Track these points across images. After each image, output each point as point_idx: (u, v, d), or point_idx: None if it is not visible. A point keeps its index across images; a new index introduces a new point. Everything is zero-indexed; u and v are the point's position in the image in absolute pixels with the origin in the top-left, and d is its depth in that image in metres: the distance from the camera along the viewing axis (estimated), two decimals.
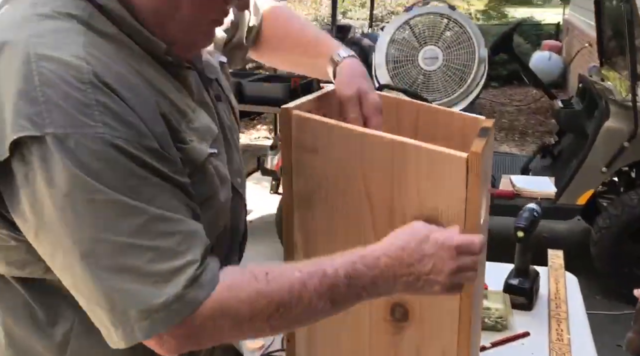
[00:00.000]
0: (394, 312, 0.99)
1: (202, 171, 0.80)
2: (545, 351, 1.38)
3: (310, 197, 0.99)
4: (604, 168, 3.08)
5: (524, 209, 1.62)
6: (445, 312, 0.96)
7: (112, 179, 0.68)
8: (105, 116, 0.68)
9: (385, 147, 0.92)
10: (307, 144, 0.96)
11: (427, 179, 0.91)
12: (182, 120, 0.79)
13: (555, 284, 1.68)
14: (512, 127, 6.78)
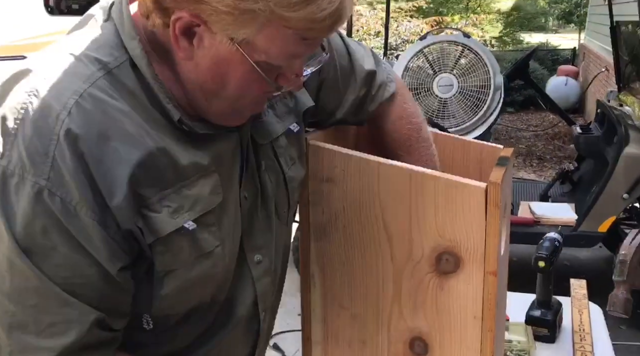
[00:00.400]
0: (413, 346, 0.97)
1: (167, 242, 0.76)
2: None
3: (326, 228, 0.98)
4: (625, 194, 3.03)
5: (544, 238, 1.59)
6: (466, 347, 0.93)
7: (25, 231, 0.68)
8: (54, 172, 0.68)
9: (402, 177, 0.91)
10: (323, 174, 0.96)
11: (445, 210, 0.90)
12: (174, 184, 0.75)
13: (579, 315, 1.64)
14: (530, 153, 6.72)
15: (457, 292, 0.92)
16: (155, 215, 0.74)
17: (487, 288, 0.90)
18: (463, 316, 0.92)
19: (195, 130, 0.78)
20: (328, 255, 0.99)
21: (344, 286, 0.99)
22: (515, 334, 1.48)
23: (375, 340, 0.99)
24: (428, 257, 0.92)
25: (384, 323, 0.98)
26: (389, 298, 0.96)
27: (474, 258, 0.90)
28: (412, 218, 0.92)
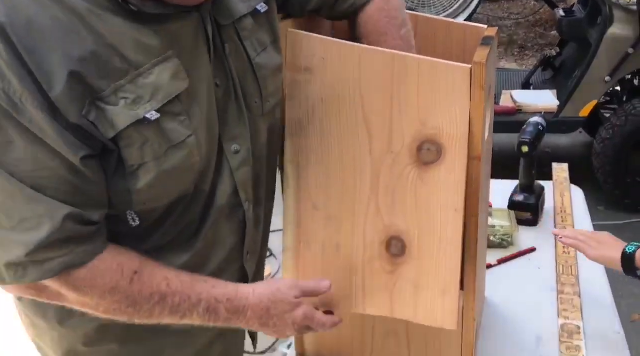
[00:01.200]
0: (390, 247, 0.94)
1: (129, 136, 0.73)
2: (552, 265, 1.37)
3: (303, 122, 0.94)
4: (607, 77, 2.99)
5: (528, 123, 1.57)
6: (446, 243, 0.90)
7: None
8: None
9: (384, 63, 0.86)
10: (301, 63, 0.90)
11: (428, 94, 0.86)
12: (127, 74, 0.71)
13: (560, 198, 1.66)
14: (512, 42, 6.60)
15: (438, 183, 0.89)
16: (111, 108, 0.70)
17: (472, 173, 0.88)
18: (443, 209, 0.89)
19: (144, 10, 0.72)
20: (304, 152, 0.95)
21: (319, 186, 0.94)
22: (499, 219, 1.50)
23: (350, 242, 0.95)
24: (409, 148, 0.89)
25: (359, 222, 0.94)
26: (366, 195, 0.92)
27: (457, 144, 0.87)
28: (393, 106, 0.88)
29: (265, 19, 0.88)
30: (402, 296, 0.94)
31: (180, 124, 0.76)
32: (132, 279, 0.77)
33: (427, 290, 0.92)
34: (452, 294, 0.90)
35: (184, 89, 0.76)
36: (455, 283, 0.90)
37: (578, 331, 1.15)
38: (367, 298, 0.96)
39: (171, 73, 0.75)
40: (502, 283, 1.31)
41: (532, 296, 1.27)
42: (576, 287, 1.28)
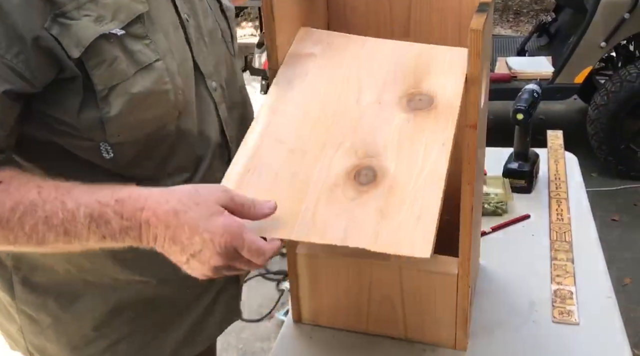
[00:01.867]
0: (358, 177, 0.82)
1: (97, 52, 0.73)
2: (545, 232, 1.38)
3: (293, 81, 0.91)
4: (602, 43, 2.98)
5: (523, 90, 1.57)
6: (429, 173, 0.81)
7: None
8: None
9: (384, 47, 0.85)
10: (305, 51, 0.90)
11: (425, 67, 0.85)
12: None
13: (555, 165, 1.66)
14: (506, 7, 6.53)
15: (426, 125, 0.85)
16: (75, 22, 0.71)
17: (468, 141, 0.88)
18: (429, 145, 0.83)
19: None
20: (286, 100, 0.89)
21: (290, 124, 0.87)
22: (493, 187, 1.50)
23: (310, 171, 0.82)
24: (398, 100, 0.87)
25: (327, 156, 0.83)
26: (342, 133, 0.85)
27: (448, 97, 0.86)
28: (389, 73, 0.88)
29: None
30: (363, 224, 0.77)
31: (146, 47, 0.78)
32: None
33: (396, 218, 0.77)
34: (429, 220, 0.76)
35: (144, 10, 0.78)
36: (434, 211, 0.77)
37: (570, 296, 1.17)
38: (316, 226, 0.78)
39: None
40: (496, 250, 1.32)
41: (526, 263, 1.28)
42: (569, 253, 1.29)
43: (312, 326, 1.14)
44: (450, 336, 1.05)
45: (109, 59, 0.74)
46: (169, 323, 0.97)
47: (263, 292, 2.59)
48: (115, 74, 0.75)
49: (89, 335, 0.92)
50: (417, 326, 1.06)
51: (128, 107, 0.76)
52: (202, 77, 0.88)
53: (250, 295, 2.58)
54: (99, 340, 0.92)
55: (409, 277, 1.01)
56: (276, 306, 2.48)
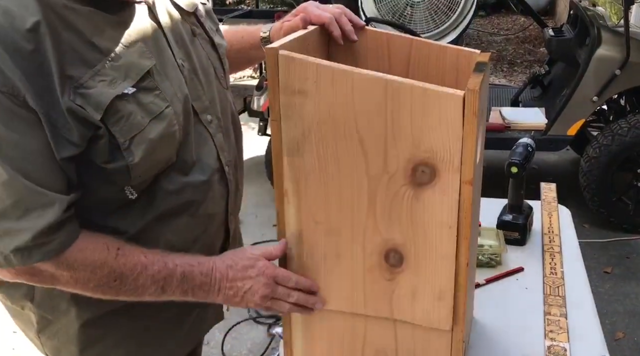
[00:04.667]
0: (388, 258, 0.97)
1: (116, 111, 0.83)
2: (539, 285, 1.39)
3: (299, 143, 0.94)
4: (595, 97, 3.05)
5: (517, 144, 1.59)
6: (441, 256, 0.94)
7: None
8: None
9: (377, 87, 0.87)
10: (295, 86, 0.91)
11: (421, 120, 0.87)
12: (101, 61, 0.83)
13: (548, 218, 1.68)
14: (501, 57, 6.68)
15: (432, 203, 0.91)
16: (92, 90, 0.81)
17: (463, 197, 0.89)
18: (438, 226, 0.92)
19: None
20: (302, 170, 0.96)
21: (319, 201, 0.97)
22: (487, 238, 1.51)
23: (350, 253, 0.99)
24: (404, 169, 0.90)
25: (358, 236, 0.97)
26: (364, 211, 0.95)
27: (449, 168, 0.88)
28: (387, 129, 0.89)
29: (206, 10, 1.09)
30: (401, 301, 0.99)
31: (157, 97, 0.88)
32: (117, 254, 0.87)
33: (424, 296, 0.98)
34: (447, 300, 0.96)
35: (152, 65, 0.88)
36: (450, 290, 0.95)
37: (564, 353, 1.16)
38: (367, 301, 1.01)
39: (138, 54, 0.87)
40: (490, 303, 1.32)
41: (520, 317, 1.28)
42: (563, 309, 1.29)
43: None
44: None
45: (125, 115, 0.84)
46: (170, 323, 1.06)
47: (253, 336, 2.55)
48: (133, 126, 0.85)
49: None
50: None
51: (147, 152, 0.87)
52: (197, 112, 0.98)
53: (240, 339, 2.54)
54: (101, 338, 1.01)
55: (404, 332, 1.01)
56: (266, 351, 2.44)
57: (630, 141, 2.96)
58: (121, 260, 0.87)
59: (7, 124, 0.77)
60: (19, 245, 0.81)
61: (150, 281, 0.88)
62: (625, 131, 2.97)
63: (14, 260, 0.82)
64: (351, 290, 1.01)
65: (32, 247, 0.81)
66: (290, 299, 0.97)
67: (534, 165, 3.90)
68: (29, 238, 0.81)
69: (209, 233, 1.05)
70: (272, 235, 2.06)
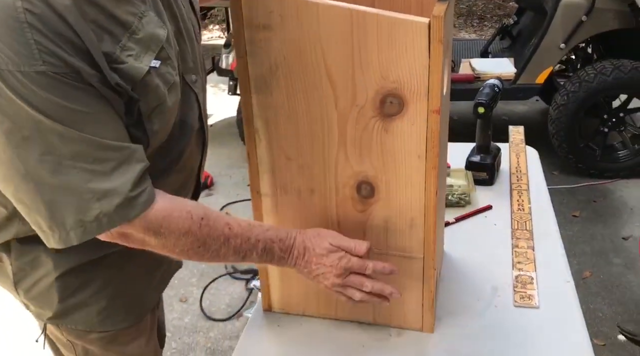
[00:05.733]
0: (360, 190, 0.99)
1: (145, 85, 0.83)
2: (507, 221, 1.42)
3: (267, 78, 0.94)
4: (562, 44, 3.07)
5: (484, 85, 1.61)
6: (411, 185, 0.96)
7: (54, 110, 0.75)
8: (44, 54, 0.72)
9: (343, 18, 0.87)
10: (259, 21, 0.90)
11: (388, 49, 0.87)
12: (124, 34, 0.81)
13: (516, 158, 1.71)
14: (471, 13, 6.66)
15: (401, 133, 0.92)
16: (123, 66, 0.80)
17: (431, 126, 0.91)
18: (407, 156, 0.94)
19: None
20: (271, 107, 0.96)
21: (290, 137, 0.98)
22: (456, 179, 1.54)
23: (322, 186, 1.00)
24: (372, 101, 0.91)
25: (330, 170, 0.98)
26: (335, 145, 0.96)
27: (417, 98, 0.89)
28: (354, 61, 0.89)
29: None
30: (374, 232, 1.02)
31: (169, 66, 0.88)
32: (200, 224, 0.87)
33: (396, 225, 1.00)
34: (418, 227, 1.00)
35: (165, 34, 0.87)
36: (421, 217, 0.98)
37: (531, 282, 1.21)
38: (342, 234, 1.00)
39: (153, 24, 0.85)
40: (460, 239, 1.36)
41: (489, 251, 1.32)
42: (530, 241, 1.34)
43: (282, 315, 1.15)
44: (417, 319, 1.07)
45: (153, 88, 0.85)
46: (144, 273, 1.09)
47: (231, 291, 2.58)
48: (157, 97, 0.86)
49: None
50: (385, 310, 1.08)
51: (164, 120, 0.89)
52: (183, 74, 0.98)
53: (218, 294, 2.57)
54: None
55: (378, 261, 1.03)
56: (245, 305, 2.48)
57: (596, 87, 3.00)
58: (205, 230, 0.87)
59: (75, 100, 0.76)
60: (119, 201, 0.80)
61: (232, 251, 0.90)
62: (592, 77, 3.01)
63: (117, 218, 0.81)
64: (325, 224, 1.03)
65: (131, 198, 0.81)
66: (365, 289, 0.97)
67: (503, 115, 3.95)
68: (127, 190, 0.80)
69: (186, 186, 1.06)
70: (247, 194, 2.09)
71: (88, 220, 0.80)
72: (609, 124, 3.18)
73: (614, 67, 2.99)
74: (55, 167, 0.77)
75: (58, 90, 0.74)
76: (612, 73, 2.98)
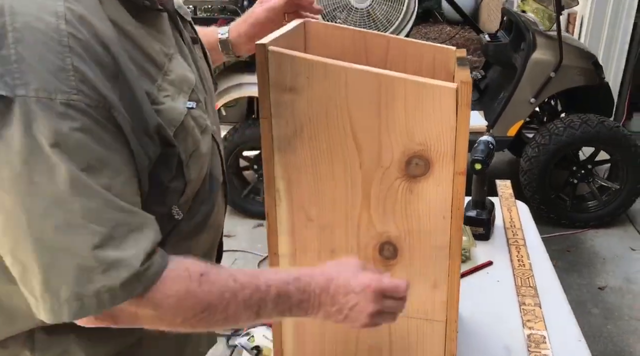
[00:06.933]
0: (382, 251, 0.97)
1: (183, 128, 0.78)
2: (510, 277, 1.42)
3: (291, 140, 0.93)
4: (532, 98, 3.18)
5: (478, 142, 1.64)
6: (436, 247, 0.95)
7: (76, 152, 0.65)
8: (81, 83, 0.64)
9: (371, 82, 0.87)
10: (286, 83, 0.89)
11: (415, 112, 0.87)
12: (159, 74, 0.77)
13: (508, 213, 1.73)
14: None
15: (426, 194, 0.92)
16: (162, 107, 0.75)
17: (456, 187, 0.91)
18: (432, 217, 0.93)
19: (152, 6, 0.79)
20: (294, 167, 0.94)
21: (312, 198, 0.96)
22: None
23: (344, 247, 0.98)
24: (398, 162, 0.91)
25: (353, 230, 0.96)
26: (358, 206, 0.95)
27: (443, 159, 0.89)
28: (381, 123, 0.89)
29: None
30: None
31: (201, 110, 0.84)
32: (200, 281, 0.74)
33: (418, 287, 0.97)
34: (442, 289, 0.97)
35: (194, 78, 0.84)
36: (445, 278, 0.96)
37: (544, 341, 1.20)
38: None
39: (181, 67, 0.82)
40: (466, 296, 1.34)
41: (496, 309, 1.31)
42: (536, 298, 1.33)
43: None
44: None
45: (190, 131, 0.79)
46: None
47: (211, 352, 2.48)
48: (194, 142, 0.81)
49: None
50: None
51: (199, 167, 0.83)
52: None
53: None
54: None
55: (398, 326, 1.01)
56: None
57: (566, 140, 3.11)
58: (206, 287, 0.74)
59: (100, 141, 0.67)
60: (127, 276, 0.68)
61: (242, 307, 0.76)
62: (562, 131, 3.11)
63: (120, 295, 0.69)
64: None
65: (140, 273, 0.69)
66: (399, 311, 0.85)
67: None
68: (139, 264, 0.69)
69: (214, 247, 1.01)
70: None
71: (87, 294, 0.67)
72: (578, 176, 3.28)
73: (581, 121, 3.11)
74: (62, 224, 0.65)
75: (84, 126, 0.65)
76: (580, 127, 3.09)
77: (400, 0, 3.37)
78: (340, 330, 1.03)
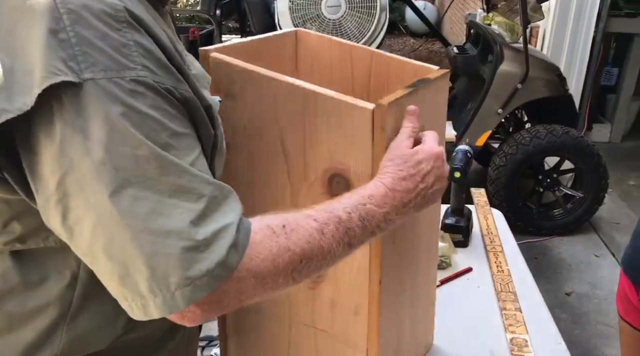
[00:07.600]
0: None
1: (217, 117, 0.76)
2: (489, 283, 1.46)
3: (229, 144, 0.92)
4: (499, 109, 3.26)
5: (456, 151, 1.67)
6: (357, 270, 0.93)
7: (154, 130, 0.61)
8: (144, 58, 0.61)
9: (296, 96, 0.85)
10: (223, 88, 0.90)
11: (336, 131, 0.85)
12: (185, 64, 0.73)
13: (485, 220, 1.77)
14: None
15: None
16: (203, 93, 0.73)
17: None
18: None
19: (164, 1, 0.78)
20: (229, 173, 0.91)
21: (246, 204, 0.88)
22: None
23: None
24: (321, 179, 0.89)
25: None
26: None
27: (362, 180, 0.85)
28: (306, 138, 0.87)
29: None
30: (323, 312, 0.99)
31: (215, 105, 0.80)
32: (285, 232, 0.70)
33: (342, 309, 0.97)
34: (362, 315, 0.95)
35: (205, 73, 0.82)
36: (365, 305, 0.94)
37: (526, 344, 1.22)
38: (292, 308, 1.01)
39: (195, 62, 0.81)
40: (448, 303, 1.37)
41: (479, 314, 1.34)
42: (516, 303, 1.37)
43: None
44: None
45: (219, 122, 0.77)
46: None
47: None
48: (222, 135, 0.78)
49: None
50: None
51: (220, 166, 0.80)
52: None
53: None
54: None
55: (324, 343, 1.02)
56: None
57: (532, 150, 3.19)
58: (293, 236, 0.70)
59: (173, 118, 0.64)
60: (229, 244, 0.63)
61: (334, 243, 0.72)
62: (528, 140, 3.20)
63: (228, 263, 0.63)
64: (274, 297, 0.90)
65: (238, 240, 0.64)
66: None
67: None
68: (235, 229, 0.64)
69: None
70: None
71: (196, 275, 0.61)
72: (543, 185, 3.37)
73: (547, 131, 3.20)
74: (155, 208, 0.60)
75: (156, 103, 0.62)
76: (546, 137, 3.18)
77: (371, 13, 3.42)
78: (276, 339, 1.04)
